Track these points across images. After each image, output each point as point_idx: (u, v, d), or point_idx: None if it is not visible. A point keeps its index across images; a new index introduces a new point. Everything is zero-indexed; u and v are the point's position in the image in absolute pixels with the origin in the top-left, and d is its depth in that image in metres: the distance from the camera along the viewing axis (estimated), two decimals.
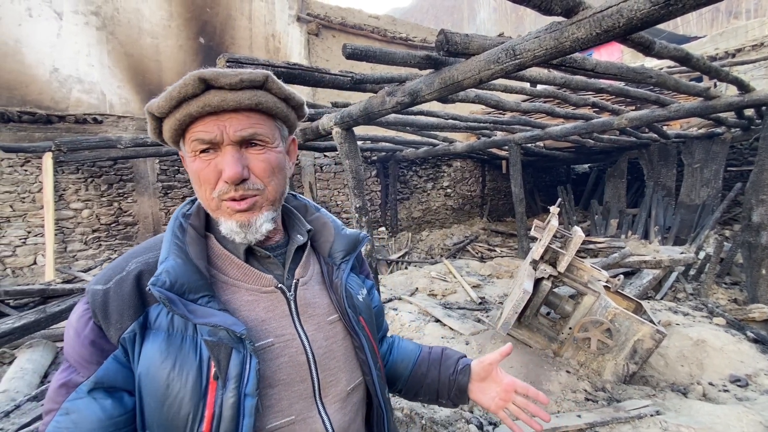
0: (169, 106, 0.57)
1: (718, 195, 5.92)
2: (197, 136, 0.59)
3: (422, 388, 0.87)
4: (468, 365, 0.85)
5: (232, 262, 0.65)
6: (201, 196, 0.63)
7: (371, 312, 0.78)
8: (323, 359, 0.66)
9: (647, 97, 3.72)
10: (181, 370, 0.54)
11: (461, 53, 2.01)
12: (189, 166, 0.62)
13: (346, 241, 0.76)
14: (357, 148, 3.31)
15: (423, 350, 0.90)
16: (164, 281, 0.55)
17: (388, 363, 0.88)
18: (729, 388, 2.56)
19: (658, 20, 1.45)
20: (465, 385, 0.83)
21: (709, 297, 3.87)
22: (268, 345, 0.61)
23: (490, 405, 0.82)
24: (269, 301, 0.65)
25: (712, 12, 30.10)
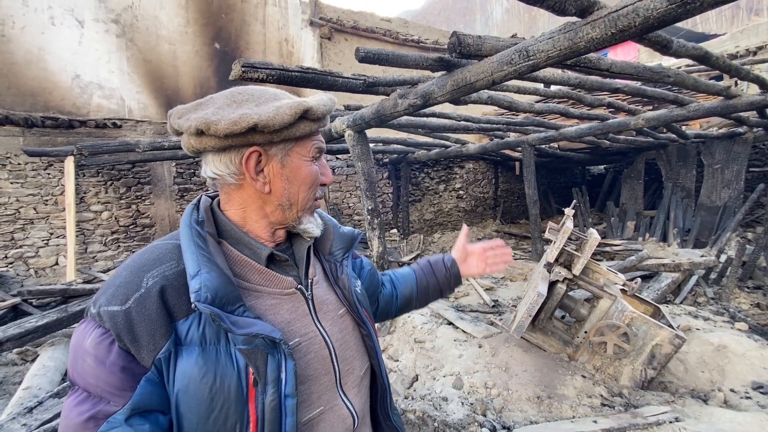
0: (323, 115, 0.66)
1: (740, 196, 5.74)
2: (319, 145, 0.69)
3: (429, 295, 1.07)
4: (452, 258, 1.09)
5: (252, 268, 0.66)
6: (303, 197, 0.68)
7: (368, 301, 0.84)
8: (341, 351, 0.72)
9: (665, 96, 3.64)
10: (222, 382, 0.55)
11: (474, 55, 2.01)
12: (303, 168, 0.67)
13: (345, 238, 0.83)
14: (369, 150, 3.33)
15: (416, 270, 1.08)
16: (206, 296, 0.54)
17: (398, 295, 1.04)
18: (751, 395, 2.48)
19: (675, 19, 1.43)
20: (458, 272, 1.08)
21: (730, 301, 3.75)
22: (296, 345, 0.65)
23: (478, 271, 1.10)
24: (291, 302, 0.68)
25: (732, 9, 29.31)
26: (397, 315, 1.08)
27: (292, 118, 0.61)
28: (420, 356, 3.11)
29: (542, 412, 2.34)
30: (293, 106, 0.61)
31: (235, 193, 0.67)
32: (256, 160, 0.63)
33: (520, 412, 2.35)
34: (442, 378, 2.77)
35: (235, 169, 0.63)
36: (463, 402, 2.43)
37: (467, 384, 2.60)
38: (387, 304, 1.03)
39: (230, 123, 0.58)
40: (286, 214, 0.68)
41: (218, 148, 0.62)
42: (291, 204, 0.68)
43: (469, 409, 2.36)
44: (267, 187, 0.65)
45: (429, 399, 2.50)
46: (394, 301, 1.04)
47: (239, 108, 0.61)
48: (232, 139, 0.60)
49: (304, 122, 0.64)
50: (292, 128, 0.63)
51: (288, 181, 0.66)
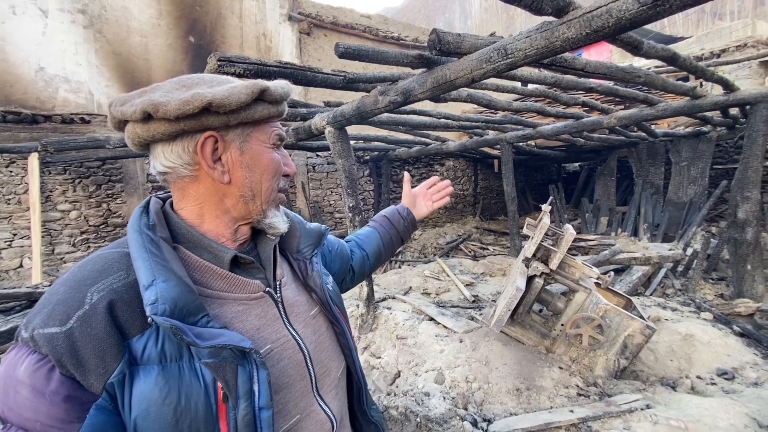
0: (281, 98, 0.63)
1: (704, 192, 6.03)
2: (279, 132, 0.66)
3: (393, 245, 1.14)
4: (405, 207, 1.16)
5: (214, 274, 0.61)
6: (267, 186, 0.64)
7: (339, 297, 0.83)
8: (316, 353, 0.68)
9: (636, 96, 3.77)
10: (188, 401, 0.50)
11: (453, 52, 2.02)
12: (264, 155, 0.64)
13: (312, 234, 0.80)
14: (350, 147, 3.30)
15: (377, 228, 1.13)
16: (164, 308, 0.49)
17: (368, 255, 1.08)
18: (716, 381, 2.61)
19: (646, 20, 1.48)
20: (413, 219, 1.16)
21: (696, 292, 3.94)
22: (268, 352, 0.61)
23: (426, 210, 1.18)
24: (260, 307, 0.64)
25: (698, 13, 30.63)
26: (371, 271, 1.13)
27: (248, 98, 0.57)
28: (402, 352, 3.12)
29: (521, 403, 2.40)
30: (249, 86, 0.57)
31: (191, 188, 0.61)
32: (212, 147, 0.58)
33: (500, 404, 2.40)
34: (424, 373, 2.80)
35: (189, 158, 0.58)
36: (444, 396, 2.46)
37: (449, 379, 2.64)
38: (361, 266, 1.06)
39: (181, 102, 0.53)
40: (250, 206, 0.63)
41: (169, 136, 0.56)
42: (254, 195, 0.63)
43: (450, 403, 2.39)
44: (226, 176, 0.60)
45: (411, 395, 2.52)
46: (366, 261, 1.07)
47: (190, 90, 0.56)
48: (185, 123, 0.55)
49: (261, 104, 0.60)
50: (250, 110, 0.59)
51: (249, 170, 0.62)
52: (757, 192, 3.60)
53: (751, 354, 2.86)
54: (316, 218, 7.11)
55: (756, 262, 3.62)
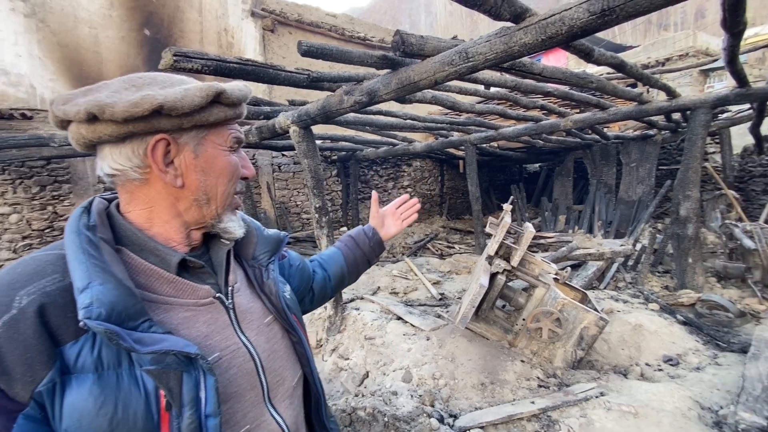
0: (238, 100, 0.61)
1: (651, 191, 6.47)
2: (237, 134, 0.64)
3: (358, 267, 1.10)
4: (371, 228, 1.14)
5: (160, 278, 0.59)
6: (222, 190, 0.63)
7: (297, 306, 0.81)
8: (269, 362, 0.66)
9: (589, 100, 3.99)
10: (126, 411, 0.48)
11: (417, 54, 2.05)
12: (220, 158, 0.62)
13: (269, 241, 0.78)
14: (315, 147, 3.26)
15: (341, 248, 1.10)
16: (99, 312, 0.46)
17: (331, 276, 1.05)
18: (663, 368, 2.81)
19: (595, 29, 1.57)
20: (380, 239, 1.13)
21: (644, 285, 4.22)
22: (216, 360, 0.59)
23: (395, 229, 1.15)
24: (209, 313, 0.62)
25: (645, 24, 32.82)
26: (334, 294, 1.09)
27: (202, 100, 0.55)
28: (370, 353, 3.12)
29: (486, 397, 2.47)
30: (203, 88, 0.55)
31: (140, 191, 0.58)
32: (164, 150, 0.56)
33: (466, 399, 2.46)
34: (392, 373, 2.81)
35: (139, 161, 0.55)
36: (412, 395, 2.48)
37: (416, 377, 2.67)
38: (322, 288, 1.03)
39: (130, 105, 0.50)
40: (204, 211, 0.62)
41: (117, 138, 0.53)
42: (209, 199, 0.61)
43: (418, 401, 2.42)
44: (179, 180, 0.58)
45: (379, 394, 2.53)
46: (327, 283, 1.04)
47: (140, 90, 0.53)
48: (134, 125, 0.52)
49: (217, 107, 0.58)
50: (204, 113, 0.57)
51: (204, 173, 0.60)
52: (697, 191, 3.91)
53: (693, 341, 3.10)
54: (282, 219, 6.96)
55: (696, 256, 3.93)
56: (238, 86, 0.61)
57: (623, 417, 2.09)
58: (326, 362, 3.34)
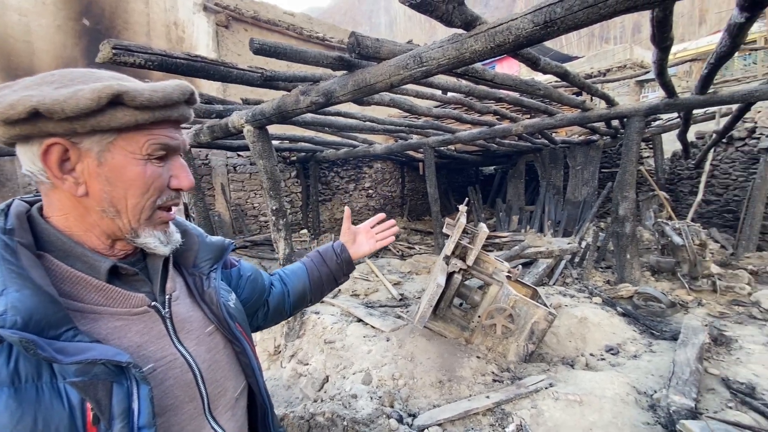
0: (153, 103, 0.54)
1: (595, 193, 6.94)
2: (162, 140, 0.57)
3: (323, 285, 1.05)
4: (341, 244, 1.08)
5: (87, 285, 0.55)
6: (134, 203, 0.57)
7: (243, 315, 0.78)
8: (209, 372, 0.64)
9: (538, 107, 4.21)
10: (47, 427, 0.44)
11: (373, 57, 2.06)
12: (130, 168, 0.55)
13: (212, 249, 0.75)
14: (271, 147, 3.18)
15: (306, 263, 1.06)
16: (14, 320, 0.43)
17: (290, 292, 1.00)
18: (605, 357, 3.01)
19: (540, 39, 1.65)
20: (349, 258, 1.07)
21: (589, 280, 4.51)
22: (150, 371, 0.56)
23: (368, 249, 1.10)
24: (143, 323, 0.59)
25: (589, 36, 35.22)
26: (293, 312, 1.03)
27: (92, 103, 0.49)
28: (330, 356, 3.09)
29: (444, 395, 2.52)
30: (95, 90, 0.50)
31: (52, 195, 0.55)
32: (60, 156, 0.52)
33: (425, 398, 2.49)
34: (352, 375, 2.79)
35: (41, 165, 0.52)
36: (372, 396, 2.48)
37: (376, 378, 2.67)
38: (279, 304, 0.98)
39: (6, 106, 0.47)
40: (117, 223, 0.57)
41: (9, 139, 0.51)
42: (118, 211, 0.56)
43: (377, 402, 2.42)
44: (81, 188, 0.54)
45: (339, 399, 2.50)
46: (286, 299, 0.99)
47: (29, 89, 0.49)
48: (20, 127, 0.49)
49: (121, 110, 0.52)
50: (103, 116, 0.51)
51: (109, 183, 0.54)
52: (633, 192, 4.25)
53: (631, 331, 3.35)
54: (238, 222, 6.71)
55: (633, 252, 4.27)
56: (156, 87, 0.55)
57: (570, 406, 2.21)
58: (285, 369, 3.26)
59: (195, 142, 3.92)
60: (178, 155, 0.62)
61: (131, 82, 0.56)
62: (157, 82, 0.56)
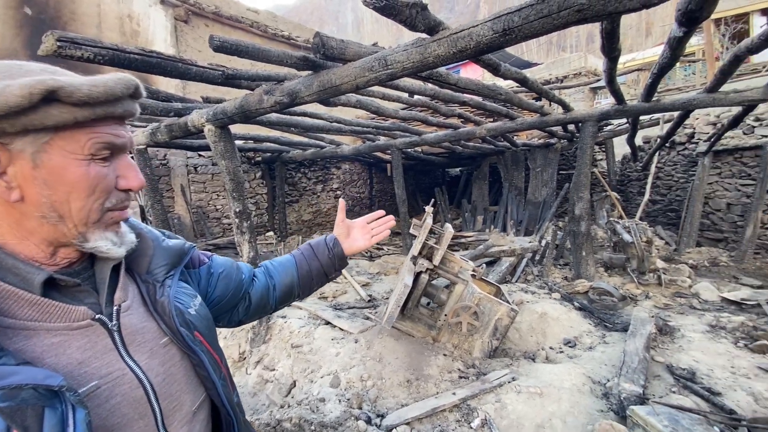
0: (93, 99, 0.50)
1: (553, 193, 7.28)
2: (106, 139, 0.54)
3: (313, 280, 1.00)
4: (334, 237, 1.04)
5: (19, 299, 0.51)
6: (79, 206, 0.53)
7: (208, 321, 0.74)
8: (163, 386, 0.61)
9: (500, 111, 4.36)
10: None
11: (338, 58, 2.05)
12: (71, 169, 0.52)
13: (169, 253, 0.71)
14: (234, 147, 3.09)
15: (296, 256, 1.01)
16: None
17: (276, 285, 0.96)
18: (564, 350, 3.16)
19: (500, 45, 1.72)
20: (341, 252, 1.02)
21: (549, 277, 4.72)
22: (94, 390, 0.52)
23: (363, 245, 1.05)
24: (85, 337, 0.55)
25: (547, 44, 36.88)
26: (279, 307, 0.99)
27: (22, 100, 0.45)
28: (297, 361, 3.04)
29: (412, 394, 2.55)
30: (27, 85, 0.46)
31: None
32: None
33: (393, 398, 2.51)
34: (320, 379, 2.76)
35: None
36: (340, 399, 2.47)
37: (344, 380, 2.65)
38: (263, 298, 0.94)
39: None
40: (60, 228, 0.53)
41: None
42: (61, 216, 0.52)
43: (346, 405, 2.41)
44: (15, 193, 0.50)
45: (306, 403, 2.47)
46: (271, 293, 0.95)
47: None
48: None
49: (57, 107, 0.49)
50: (34, 114, 0.47)
51: (48, 186, 0.51)
52: (588, 193, 4.49)
53: (587, 324, 3.54)
54: (199, 225, 6.45)
55: (588, 249, 4.51)
56: (97, 81, 0.51)
57: (531, 398, 2.31)
58: (250, 375, 3.17)
59: (152, 142, 3.73)
60: (125, 154, 0.59)
61: (68, 75, 0.52)
62: (97, 76, 0.52)
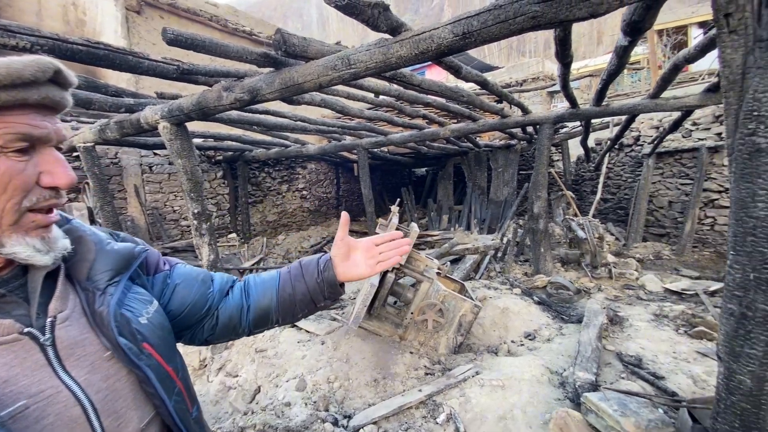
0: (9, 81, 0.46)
1: (514, 193, 7.56)
2: (19, 129, 0.48)
3: (296, 306, 0.85)
4: (327, 258, 0.87)
5: None
6: None
7: (163, 331, 0.68)
8: (106, 403, 0.56)
9: (463, 112, 4.47)
10: None
11: (300, 56, 2.02)
12: None
13: (115, 258, 0.65)
14: (191, 145, 2.96)
15: (282, 273, 0.88)
16: None
17: (251, 306, 0.84)
18: (524, 343, 3.29)
19: (460, 48, 1.76)
20: (333, 278, 0.85)
21: (510, 273, 4.90)
22: (20, 410, 0.47)
23: (365, 271, 0.86)
24: (11, 353, 0.50)
25: (508, 49, 38.20)
26: (255, 331, 0.86)
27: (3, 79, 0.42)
28: (262, 366, 2.96)
29: (379, 393, 2.55)
30: None
31: None
32: None
33: (360, 398, 2.51)
34: (285, 383, 2.71)
35: None
36: (306, 402, 2.43)
37: (310, 383, 2.62)
38: (231, 318, 0.82)
39: None
40: None
41: None
42: None
43: (312, 408, 2.38)
44: None
45: (271, 408, 2.41)
46: (243, 314, 0.83)
47: None
48: None
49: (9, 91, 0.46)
50: None
51: None
52: (545, 192, 4.71)
53: (545, 317, 3.70)
54: (155, 227, 6.13)
55: (546, 246, 4.73)
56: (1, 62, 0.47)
57: (494, 390, 2.38)
58: (212, 383, 3.05)
59: (100, 139, 3.49)
60: (50, 147, 0.53)
61: None
62: (5, 57, 0.47)
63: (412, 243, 3.03)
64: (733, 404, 1.43)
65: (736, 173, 1.41)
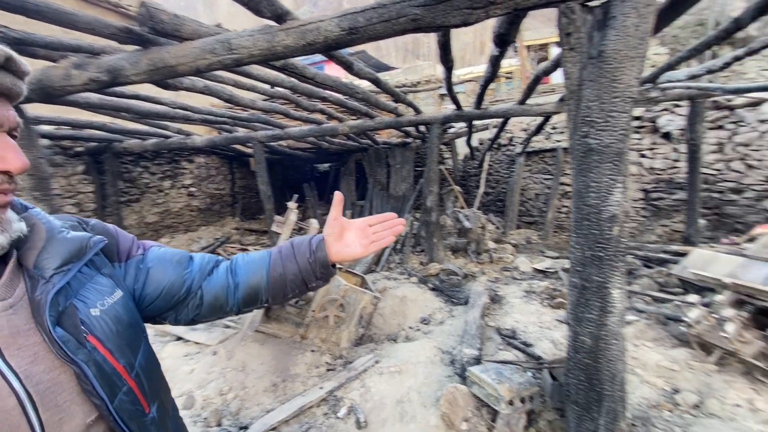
0: None
1: (411, 188, 7.99)
2: None
3: (287, 286, 0.84)
4: (321, 239, 0.86)
5: None
6: None
7: (118, 324, 0.63)
8: (47, 395, 0.53)
9: (360, 109, 4.53)
10: None
11: (172, 35, 1.79)
12: None
13: (65, 247, 0.62)
14: (33, 134, 2.42)
15: (273, 253, 0.86)
16: None
17: (240, 284, 0.83)
18: (420, 328, 3.51)
19: (347, 43, 1.76)
20: (325, 258, 0.84)
21: (408, 263, 5.18)
22: None
23: (358, 251, 0.85)
24: None
25: (404, 51, 40.02)
26: (244, 310, 0.85)
27: None
28: None
29: (278, 397, 2.46)
30: None
31: None
32: None
33: (257, 405, 2.38)
34: None
35: None
36: (195, 420, 2.22)
37: (200, 399, 2.39)
38: (218, 299, 0.80)
39: None
40: None
41: None
42: None
43: (202, 425, 2.18)
44: None
45: None
46: (230, 292, 0.81)
47: None
48: None
49: None
50: None
51: None
52: (437, 187, 5.07)
53: (438, 302, 4.00)
54: None
55: (439, 236, 5.11)
56: None
57: (392, 377, 2.49)
58: None
59: None
60: (3, 133, 0.54)
61: None
62: None
63: (291, 227, 2.97)
64: (579, 361, 1.74)
65: (575, 169, 1.70)
